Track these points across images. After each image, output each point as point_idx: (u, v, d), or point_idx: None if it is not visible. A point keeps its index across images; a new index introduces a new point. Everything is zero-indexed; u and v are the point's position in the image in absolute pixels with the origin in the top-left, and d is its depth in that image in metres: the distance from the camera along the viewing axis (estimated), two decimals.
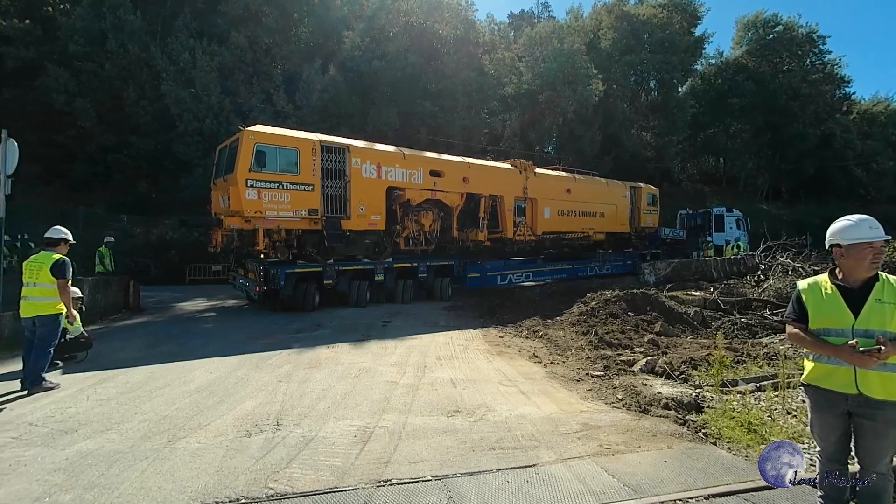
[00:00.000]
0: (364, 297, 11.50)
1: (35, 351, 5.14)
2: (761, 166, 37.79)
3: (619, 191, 18.50)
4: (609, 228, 17.91)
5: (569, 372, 6.13)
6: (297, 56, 21.46)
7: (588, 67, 26.55)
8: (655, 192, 20.61)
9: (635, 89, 34.21)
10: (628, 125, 30.62)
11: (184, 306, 11.91)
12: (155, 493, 3.00)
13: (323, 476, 3.26)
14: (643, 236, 20.00)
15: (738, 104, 34.62)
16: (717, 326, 8.71)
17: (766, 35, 36.58)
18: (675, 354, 6.82)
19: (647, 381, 5.63)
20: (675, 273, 14.72)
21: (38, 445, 3.70)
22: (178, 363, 6.39)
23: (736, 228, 22.84)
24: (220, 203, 10.75)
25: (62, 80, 18.41)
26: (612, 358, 6.60)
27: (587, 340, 7.64)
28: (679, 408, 4.65)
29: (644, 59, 31.26)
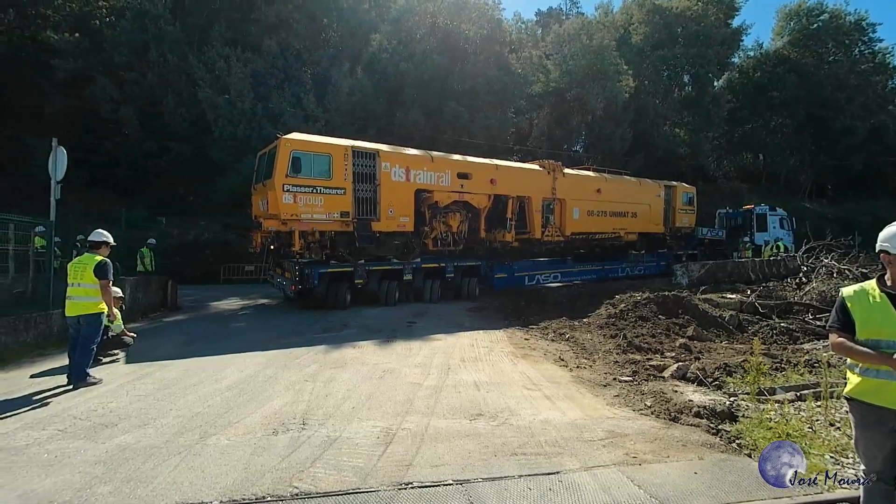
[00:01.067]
0: (393, 296, 11.79)
1: (79, 348, 5.43)
2: (804, 162, 35.94)
3: (653, 190, 18.00)
4: (642, 228, 17.46)
5: (595, 376, 5.99)
6: (326, 60, 21.89)
7: (618, 63, 25.94)
8: (692, 191, 19.91)
9: (668, 85, 33.19)
10: (660, 122, 29.73)
11: (218, 305, 12.35)
12: (186, 489, 3.12)
13: (346, 477, 3.31)
14: (679, 236, 19.37)
15: (778, 98, 33.00)
16: (755, 331, 8.33)
17: (810, 24, 34.76)
18: (708, 360, 6.57)
19: (677, 387, 5.45)
20: (709, 275, 14.18)
21: (81, 438, 3.91)
22: (211, 361, 6.62)
23: (780, 228, 21.78)
24: (259, 206, 11.29)
25: (108, 90, 19.42)
26: (642, 363, 6.42)
27: (615, 344, 7.46)
28: (712, 416, 4.47)
29: (677, 54, 30.28)
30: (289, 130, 18.82)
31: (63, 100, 19.77)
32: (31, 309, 7.59)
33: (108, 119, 19.62)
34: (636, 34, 31.42)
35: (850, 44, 35.06)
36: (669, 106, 31.25)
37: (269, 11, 21.84)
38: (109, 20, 21.84)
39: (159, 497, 3.01)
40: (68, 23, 21.62)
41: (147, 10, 20.67)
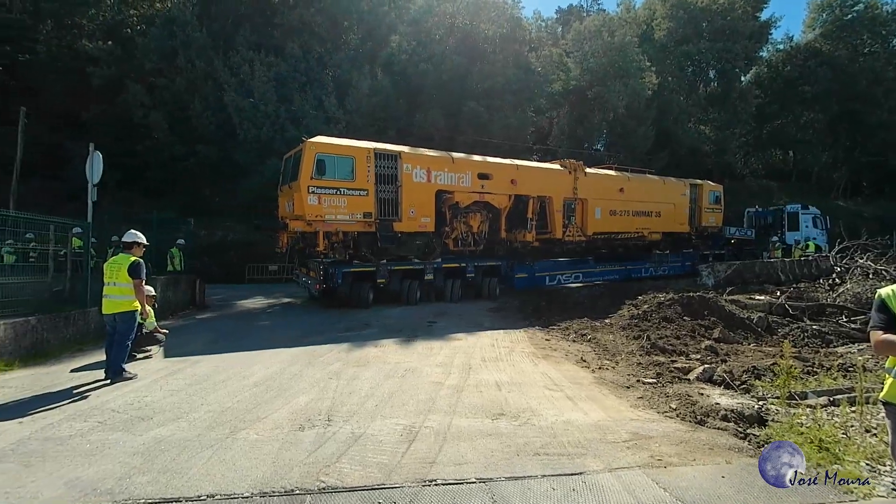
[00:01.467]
0: (414, 296, 11.94)
1: (115, 345, 5.67)
2: (837, 159, 34.63)
3: (678, 189, 17.64)
4: (666, 228, 17.15)
5: (618, 378, 5.93)
6: (347, 62, 22.16)
7: (640, 60, 25.51)
8: (719, 189, 19.40)
9: (692, 81, 32.47)
10: (685, 119, 29.09)
11: (244, 303, 12.67)
12: (219, 480, 3.23)
13: (371, 472, 3.37)
14: (705, 236, 18.92)
15: (810, 92, 31.88)
16: (785, 333, 8.10)
17: (843, 15, 33.46)
18: (735, 363, 6.43)
19: (703, 390, 5.35)
20: (736, 275, 13.83)
21: (120, 430, 4.09)
22: (239, 358, 6.81)
23: (812, 227, 21.05)
24: (285, 208, 11.61)
25: (139, 96, 20.12)
26: (666, 364, 6.32)
27: (638, 345, 7.36)
28: (740, 420, 4.38)
29: (702, 49, 29.59)
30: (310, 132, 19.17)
31: (98, 106, 20.58)
32: (70, 307, 7.95)
33: (139, 124, 20.32)
34: (659, 30, 30.82)
35: (888, 35, 33.61)
36: (694, 102, 30.56)
37: (292, 15, 22.25)
38: (140, 28, 22.63)
39: (194, 488, 3.13)
40: (102, 31, 22.51)
41: (175, 18, 21.34)
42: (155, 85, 20.54)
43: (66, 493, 3.04)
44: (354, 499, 3.04)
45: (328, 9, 22.80)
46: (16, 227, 7.50)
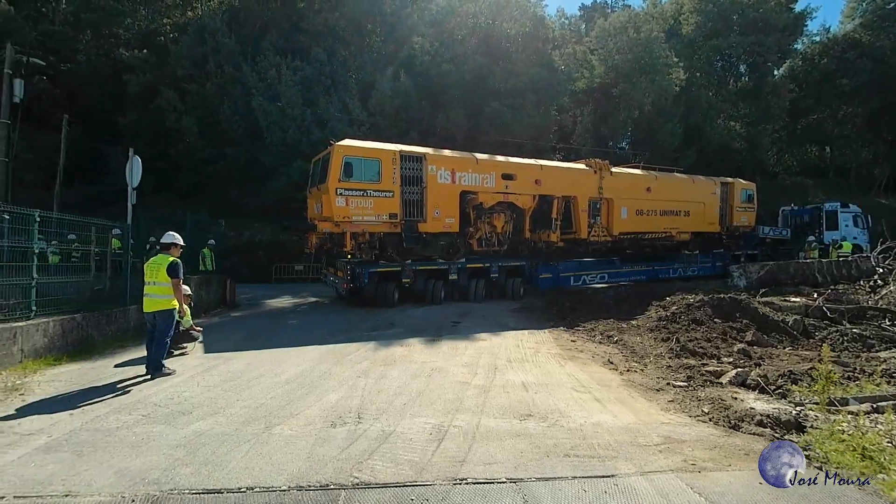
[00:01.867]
0: (439, 296, 12.08)
1: (156, 342, 5.92)
2: (878, 154, 33.02)
3: (708, 187, 17.20)
4: (695, 228, 16.77)
5: (647, 381, 5.85)
6: (371, 65, 22.43)
7: (667, 56, 24.94)
8: (752, 187, 18.80)
9: (722, 76, 31.52)
10: (714, 115, 28.26)
11: (272, 303, 12.99)
12: (257, 473, 3.35)
13: (402, 470, 3.44)
14: (737, 236, 18.39)
15: (848, 85, 30.46)
16: (823, 337, 7.82)
17: (885, 4, 31.89)
18: (770, 367, 6.25)
19: (737, 394, 5.22)
20: (769, 276, 13.39)
21: (162, 423, 4.28)
22: (270, 355, 7.01)
23: (853, 226, 20.15)
24: (314, 209, 11.90)
25: (172, 101, 20.85)
26: (696, 368, 6.19)
27: (667, 348, 7.23)
28: (776, 426, 4.27)
29: (732, 43, 28.65)
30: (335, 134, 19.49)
31: (133, 112, 21.43)
32: (111, 305, 8.32)
33: (171, 128, 21.06)
34: (687, 24, 30.04)
35: None
36: (724, 98, 29.63)
37: (317, 20, 22.66)
38: (173, 36, 23.46)
39: (234, 480, 3.26)
40: (137, 40, 23.43)
41: (206, 25, 22.03)
42: (187, 90, 21.25)
43: (117, 482, 3.21)
44: (387, 495, 3.11)
45: (352, 13, 23.11)
46: (60, 229, 7.88)
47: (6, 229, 7.02)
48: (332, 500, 3.04)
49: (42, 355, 6.43)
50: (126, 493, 3.07)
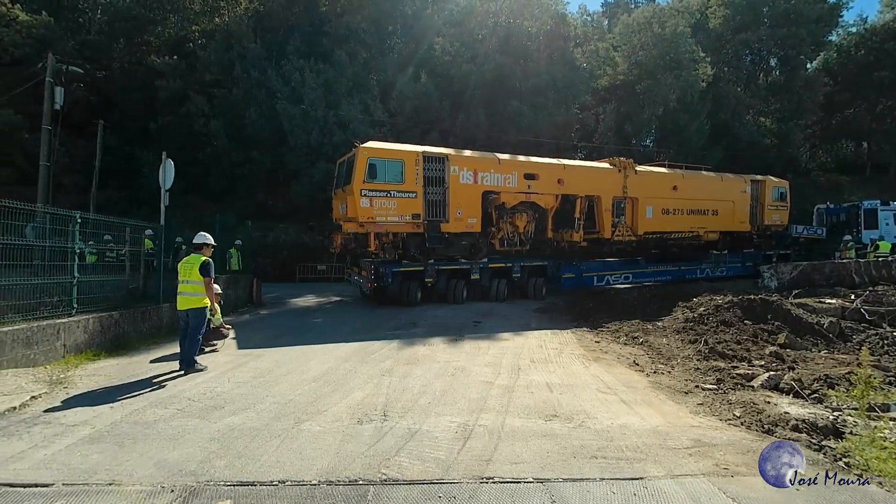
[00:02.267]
0: (461, 295, 12.16)
1: (188, 338, 6.12)
2: None
3: (737, 185, 16.74)
4: (724, 227, 16.34)
5: (675, 383, 5.74)
6: (392, 66, 22.64)
7: (693, 51, 24.36)
8: (785, 185, 18.18)
9: (751, 70, 30.61)
10: (742, 111, 27.48)
11: (296, 302, 13.25)
12: (288, 468, 3.44)
13: (429, 467, 3.47)
14: (768, 235, 17.82)
15: (887, 77, 29.15)
16: (861, 340, 7.50)
17: None
18: (804, 370, 6.05)
19: (769, 398, 5.08)
20: (803, 277, 12.92)
21: (197, 418, 4.43)
22: (297, 353, 7.16)
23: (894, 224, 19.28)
24: (339, 210, 12.14)
25: (201, 106, 21.49)
26: (726, 370, 6.04)
27: (695, 350, 7.08)
28: (813, 431, 4.14)
29: (762, 36, 27.80)
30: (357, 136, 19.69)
31: (164, 117, 22.16)
32: (144, 303, 8.64)
33: (200, 132, 21.71)
34: (714, 18, 29.26)
35: None
36: (753, 93, 28.76)
37: (340, 23, 22.99)
38: (201, 42, 24.17)
39: (266, 473, 3.35)
40: (168, 47, 24.23)
41: (233, 31, 22.63)
42: (214, 95, 21.87)
43: (157, 473, 3.34)
44: (415, 492, 3.15)
45: (374, 15, 23.38)
46: (96, 230, 8.22)
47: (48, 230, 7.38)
48: (361, 495, 3.09)
49: (82, 350, 6.73)
50: (165, 484, 3.19)
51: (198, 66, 22.62)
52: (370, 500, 3.03)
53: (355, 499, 3.04)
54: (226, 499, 3.02)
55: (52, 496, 3.04)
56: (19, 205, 6.06)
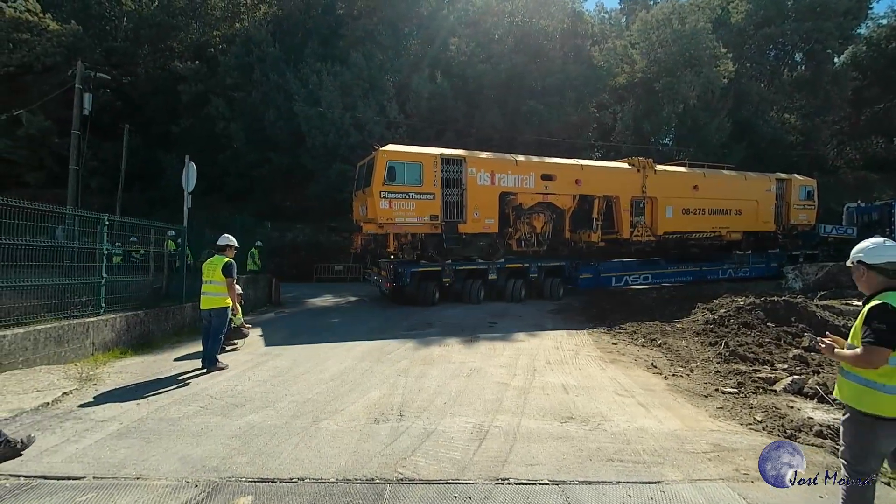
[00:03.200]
0: (477, 295, 12.27)
1: (211, 337, 6.28)
2: None
3: (761, 184, 16.38)
4: (747, 227, 16.04)
5: (694, 386, 5.65)
6: (407, 67, 22.74)
7: (714, 47, 23.81)
8: (812, 183, 17.70)
9: (775, 65, 29.78)
10: (766, 107, 26.76)
11: (314, 301, 13.43)
12: (307, 465, 3.51)
13: (445, 467, 3.50)
14: (794, 235, 17.39)
15: None
16: None
17: None
18: (830, 374, 5.88)
19: (793, 402, 4.96)
20: (829, 278, 12.57)
21: (219, 415, 4.55)
22: (314, 353, 7.27)
23: None
24: (359, 211, 12.43)
25: (221, 109, 21.95)
26: (748, 374, 5.92)
27: (715, 352, 6.95)
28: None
29: (787, 30, 27.03)
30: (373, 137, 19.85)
31: (186, 120, 22.71)
32: (168, 302, 8.89)
33: (220, 134, 22.17)
34: (736, 13, 28.57)
35: None
36: (777, 89, 27.99)
37: (356, 26, 23.22)
38: (222, 47, 24.69)
39: (286, 471, 3.43)
40: (190, 52, 24.81)
41: (252, 36, 23.05)
42: (234, 98, 22.31)
43: (181, 468, 3.45)
44: (431, 491, 3.18)
45: (389, 17, 23.52)
46: (121, 231, 8.48)
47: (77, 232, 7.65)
48: (377, 493, 3.14)
49: (110, 348, 6.96)
50: (190, 479, 3.30)
51: (218, 70, 23.11)
52: (387, 499, 3.07)
53: (372, 497, 3.09)
54: (247, 495, 3.11)
55: (84, 489, 3.17)
56: (50, 207, 6.31)
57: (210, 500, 3.04)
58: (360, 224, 12.07)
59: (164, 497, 3.08)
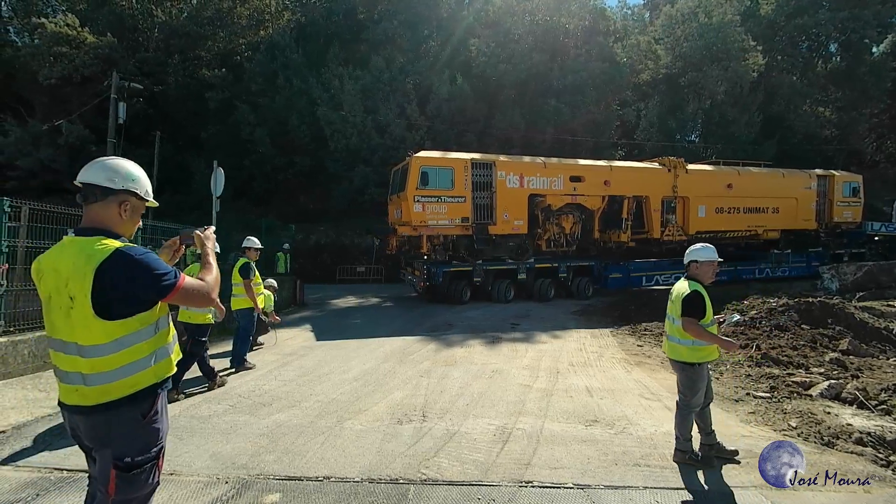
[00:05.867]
0: (507, 294, 12.61)
1: (238, 338, 6.45)
2: None
3: (800, 181, 15.86)
4: (786, 225, 15.59)
5: (724, 390, 5.50)
6: (427, 69, 22.86)
7: (743, 40, 23.11)
8: (857, 179, 17.02)
9: (808, 57, 28.68)
10: (798, 101, 25.78)
11: (337, 303, 13.63)
12: (332, 464, 3.57)
13: (468, 469, 3.51)
14: (838, 233, 16.74)
15: None
16: None
17: None
18: (870, 379, 5.62)
19: (830, 408, 4.77)
20: (868, 279, 12.03)
21: (247, 414, 4.67)
22: (338, 353, 7.38)
23: None
24: (394, 215, 12.98)
25: (247, 115, 22.52)
26: (781, 378, 5.71)
27: (746, 355, 6.73)
28: (879, 445, 3.86)
29: (821, 20, 25.97)
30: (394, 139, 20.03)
31: (213, 126, 23.39)
32: None
33: (246, 140, 22.75)
34: (766, 4, 27.64)
35: None
36: (811, 82, 26.94)
37: (377, 30, 23.48)
38: (248, 54, 25.34)
39: (312, 469, 3.50)
40: (217, 60, 25.56)
41: (276, 43, 23.60)
42: (259, 104, 22.86)
43: (212, 464, 3.56)
44: (454, 493, 3.19)
45: (410, 20, 23.69)
46: (153, 235, 8.79)
47: None
48: (401, 494, 3.17)
49: None
50: (220, 475, 3.40)
51: (244, 76, 23.74)
52: (411, 500, 3.10)
53: (396, 497, 3.12)
54: (275, 492, 3.18)
55: None
56: None
57: (240, 497, 3.12)
58: (394, 227, 12.62)
59: (197, 493, 3.18)
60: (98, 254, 1.66)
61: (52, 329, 1.75)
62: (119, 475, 1.70)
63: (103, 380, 1.70)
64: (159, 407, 1.84)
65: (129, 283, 1.68)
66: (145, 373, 1.77)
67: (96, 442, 1.75)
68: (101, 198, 1.79)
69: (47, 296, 1.75)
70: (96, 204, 1.79)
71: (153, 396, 1.81)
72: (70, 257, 1.70)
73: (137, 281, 1.69)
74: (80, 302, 1.65)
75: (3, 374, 5.42)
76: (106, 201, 1.79)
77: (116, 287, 1.66)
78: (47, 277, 1.75)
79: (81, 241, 1.73)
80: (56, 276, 1.71)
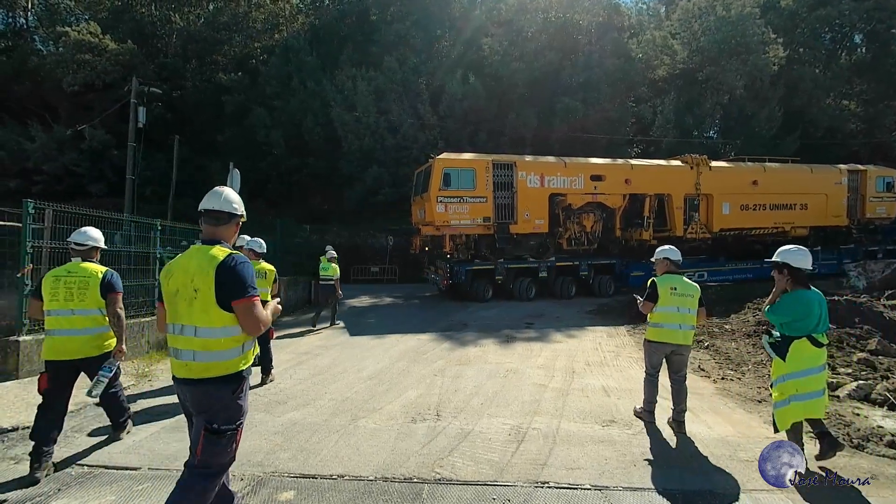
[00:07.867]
0: (528, 292, 12.75)
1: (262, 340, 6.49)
2: None
3: (830, 177, 15.39)
4: (814, 222, 15.15)
5: (746, 390, 5.35)
6: (440, 69, 22.84)
7: (763, 32, 22.53)
8: (893, 174, 16.38)
9: (831, 49, 27.85)
10: (821, 94, 25.03)
11: (351, 302, 13.65)
12: (346, 462, 3.57)
13: (483, 469, 3.46)
14: (871, 229, 16.23)
15: None
16: None
17: None
18: None
19: (859, 409, 4.60)
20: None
21: (263, 411, 4.70)
22: (352, 353, 7.40)
23: None
24: (418, 215, 13.21)
25: (262, 118, 22.82)
26: None
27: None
28: None
29: (845, 10, 25.16)
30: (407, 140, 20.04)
31: (230, 129, 23.76)
32: None
33: (261, 142, 23.05)
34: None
35: None
36: (834, 74, 26.14)
37: (389, 31, 23.56)
38: (263, 58, 25.67)
39: (326, 467, 3.50)
40: (233, 64, 25.96)
41: (291, 46, 23.86)
42: (274, 107, 23.14)
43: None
44: (469, 492, 3.15)
45: (422, 20, 23.72)
46: (172, 236, 8.94)
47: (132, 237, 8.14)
48: (415, 493, 3.14)
49: (162, 347, 7.33)
50: (236, 472, 3.41)
51: (259, 80, 24.05)
52: (424, 499, 3.07)
53: (410, 496, 3.10)
54: (290, 490, 3.19)
55: (140, 479, 3.35)
56: (110, 215, 6.74)
57: (255, 494, 3.13)
58: (418, 227, 12.89)
59: None
60: (218, 256, 2.28)
61: (175, 316, 2.31)
62: (207, 437, 2.21)
63: (208, 358, 2.25)
64: (245, 388, 2.36)
65: (233, 278, 2.25)
66: (237, 360, 2.31)
67: (197, 408, 2.30)
68: (227, 221, 2.48)
69: (174, 290, 2.31)
70: (223, 224, 2.46)
71: (241, 379, 2.33)
72: (196, 259, 2.31)
73: (237, 279, 2.26)
74: (204, 293, 2.23)
75: (28, 372, 5.56)
76: (230, 223, 2.50)
77: (226, 281, 2.24)
78: (176, 275, 2.33)
79: (206, 248, 2.35)
80: (184, 274, 2.30)
